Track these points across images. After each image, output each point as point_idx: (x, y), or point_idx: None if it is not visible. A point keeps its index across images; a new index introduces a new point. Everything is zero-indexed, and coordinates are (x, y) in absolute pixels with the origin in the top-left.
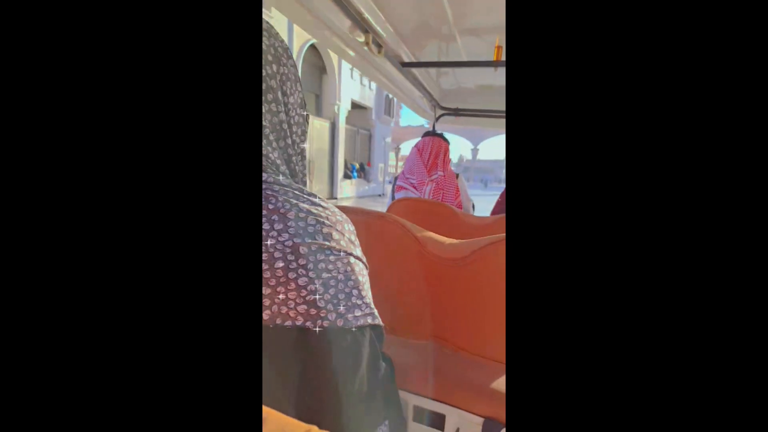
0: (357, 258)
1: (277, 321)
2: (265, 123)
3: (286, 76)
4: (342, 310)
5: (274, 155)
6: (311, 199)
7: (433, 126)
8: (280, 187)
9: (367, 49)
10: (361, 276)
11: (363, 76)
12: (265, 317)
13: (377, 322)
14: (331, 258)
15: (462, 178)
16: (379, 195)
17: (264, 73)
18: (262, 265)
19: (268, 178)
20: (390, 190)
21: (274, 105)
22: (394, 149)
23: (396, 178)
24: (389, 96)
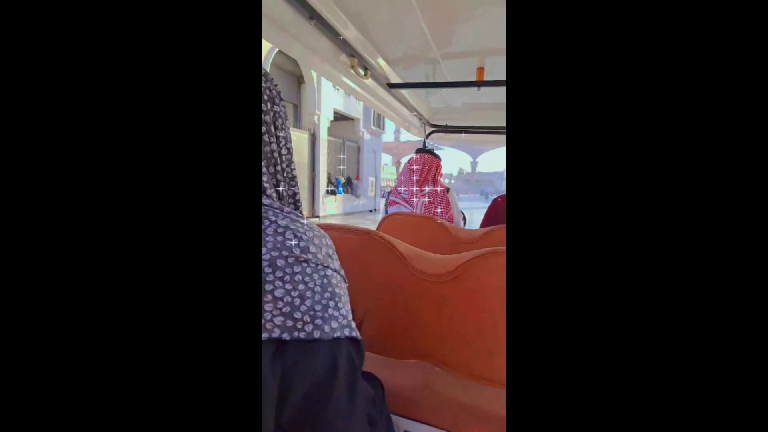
0: (334, 270)
1: None
2: None
3: (278, 114)
4: (318, 322)
5: (263, 179)
6: (290, 216)
7: (424, 143)
8: (262, 206)
9: (353, 72)
10: (338, 288)
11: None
12: None
13: (354, 335)
14: (308, 270)
15: (453, 193)
16: (370, 211)
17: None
18: (261, 279)
19: None
20: (383, 204)
21: (266, 137)
22: (394, 164)
23: (389, 192)
24: None
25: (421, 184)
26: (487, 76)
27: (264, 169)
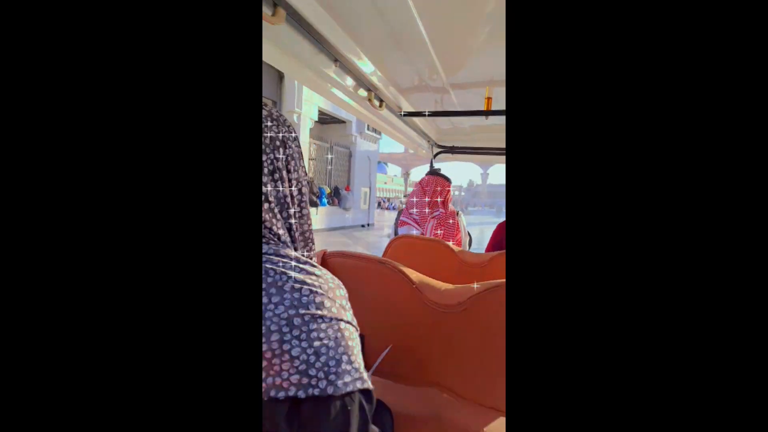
0: (347, 323)
1: (271, 393)
2: (271, 198)
3: (291, 156)
4: (332, 378)
5: (277, 226)
6: (306, 268)
7: (431, 163)
8: (278, 258)
9: (369, 103)
10: (350, 341)
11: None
12: None
13: (367, 386)
14: (323, 326)
15: (462, 216)
16: (362, 226)
17: (273, 157)
18: (261, 339)
19: (269, 250)
20: (394, 225)
21: (279, 183)
22: (403, 175)
23: (400, 212)
24: None
25: (431, 206)
26: (495, 105)
27: (278, 215)
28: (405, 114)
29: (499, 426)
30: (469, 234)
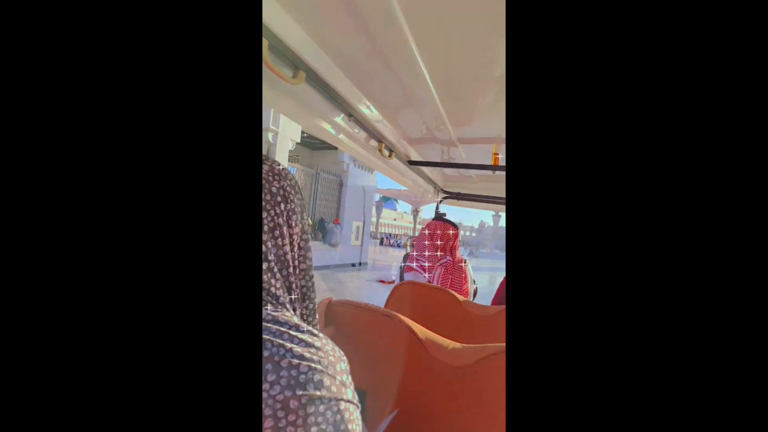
0: (348, 402)
1: None
2: (270, 257)
3: (292, 210)
4: None
5: (276, 286)
6: (305, 339)
7: (437, 208)
8: (276, 327)
9: (379, 153)
10: (350, 423)
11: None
12: None
13: None
14: (321, 408)
15: (468, 264)
16: (352, 265)
17: (273, 213)
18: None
19: (267, 315)
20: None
21: (280, 240)
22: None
23: (406, 256)
24: None
25: (438, 251)
26: (502, 161)
27: (278, 274)
28: (412, 163)
29: None
30: (474, 282)
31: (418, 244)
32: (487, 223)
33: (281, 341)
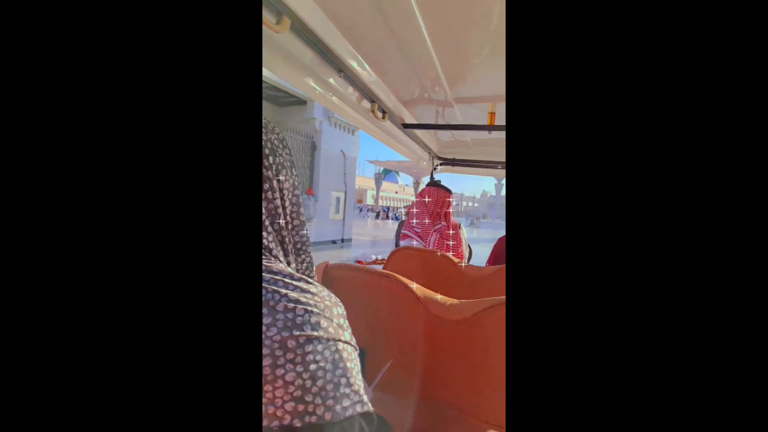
0: (345, 343)
1: (264, 423)
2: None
3: (281, 164)
4: (330, 402)
5: (268, 239)
6: (300, 285)
7: (431, 175)
8: (270, 275)
9: (372, 115)
10: (349, 362)
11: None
12: None
13: (366, 409)
14: (319, 348)
15: (463, 228)
16: (332, 242)
17: (261, 165)
18: (262, 361)
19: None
20: (395, 235)
21: (270, 192)
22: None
23: (401, 223)
24: None
25: (432, 218)
26: (498, 120)
27: (269, 228)
28: (407, 125)
29: None
30: (469, 247)
31: (412, 211)
32: (490, 192)
33: (275, 288)
